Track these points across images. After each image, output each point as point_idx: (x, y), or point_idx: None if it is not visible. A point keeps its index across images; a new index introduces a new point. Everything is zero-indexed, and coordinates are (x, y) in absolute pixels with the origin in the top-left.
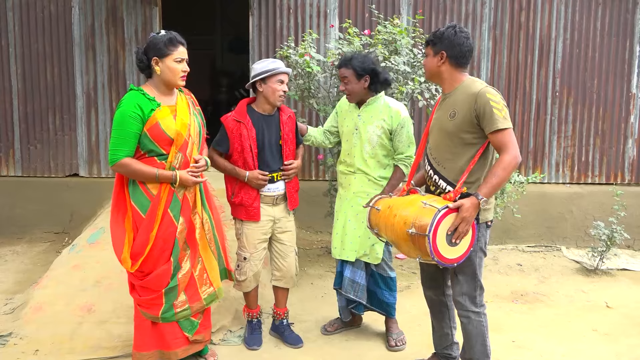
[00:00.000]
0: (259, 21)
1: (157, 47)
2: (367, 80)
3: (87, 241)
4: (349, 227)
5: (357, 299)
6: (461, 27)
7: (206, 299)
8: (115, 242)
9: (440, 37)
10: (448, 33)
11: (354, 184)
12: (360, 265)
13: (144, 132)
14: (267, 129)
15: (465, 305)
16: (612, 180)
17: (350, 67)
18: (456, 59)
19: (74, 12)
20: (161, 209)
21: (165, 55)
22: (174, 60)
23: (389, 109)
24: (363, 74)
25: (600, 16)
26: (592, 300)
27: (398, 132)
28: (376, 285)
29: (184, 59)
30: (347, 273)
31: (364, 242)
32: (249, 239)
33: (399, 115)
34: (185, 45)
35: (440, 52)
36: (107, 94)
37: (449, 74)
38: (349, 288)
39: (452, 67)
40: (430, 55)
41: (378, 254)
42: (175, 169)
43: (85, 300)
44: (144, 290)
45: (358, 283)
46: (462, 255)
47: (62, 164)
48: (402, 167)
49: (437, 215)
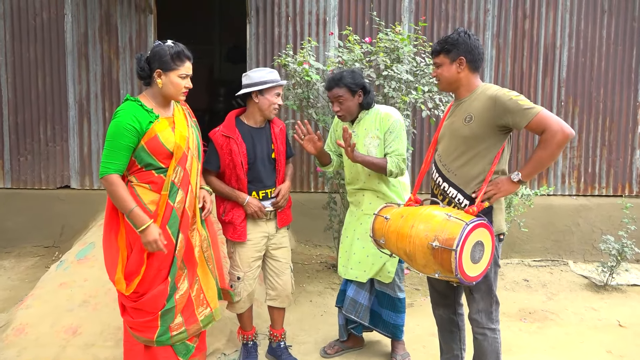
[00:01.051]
0: (256, 29)
1: (163, 60)
2: (361, 95)
3: (76, 257)
4: (356, 246)
5: (358, 320)
6: (468, 30)
7: (203, 320)
8: (108, 262)
9: (455, 43)
10: (463, 38)
11: (363, 202)
12: (365, 286)
13: (142, 146)
14: (257, 143)
15: (482, 323)
16: (620, 192)
17: (343, 85)
18: (474, 63)
19: (66, 20)
20: (158, 225)
21: (170, 70)
22: (178, 76)
23: (379, 115)
24: (356, 89)
25: (606, 24)
26: (604, 319)
27: (387, 134)
28: (381, 306)
29: (188, 75)
30: (350, 292)
31: (375, 261)
32: (242, 257)
33: (388, 118)
34: (191, 60)
35: (458, 58)
36: (100, 103)
37: (467, 80)
38: (350, 308)
39: (470, 72)
40: (446, 63)
41: (390, 272)
42: (175, 184)
43: (71, 321)
44: (138, 313)
45: (360, 304)
46: (481, 273)
47: (54, 176)
48: (389, 159)
49: (465, 229)
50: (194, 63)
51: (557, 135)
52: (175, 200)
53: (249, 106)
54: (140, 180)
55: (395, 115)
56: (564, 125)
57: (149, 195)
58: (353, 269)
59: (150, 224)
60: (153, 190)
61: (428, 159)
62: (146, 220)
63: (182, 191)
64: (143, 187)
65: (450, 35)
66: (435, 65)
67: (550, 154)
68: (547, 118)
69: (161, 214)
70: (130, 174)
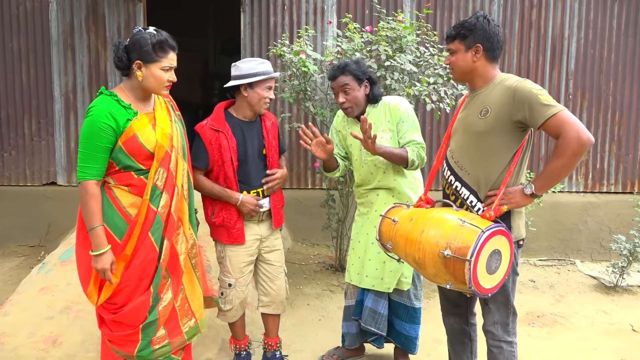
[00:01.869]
0: (251, 19)
1: (144, 50)
2: (367, 86)
3: (59, 259)
4: (372, 251)
5: (378, 332)
6: (488, 15)
7: (187, 332)
8: (81, 271)
9: (472, 29)
10: (481, 23)
11: (377, 202)
12: (384, 294)
13: (119, 146)
14: (248, 138)
15: (498, 335)
16: (629, 189)
17: (349, 72)
18: (492, 52)
19: (51, 9)
20: (138, 232)
21: (151, 62)
22: (161, 69)
23: (388, 107)
24: (363, 77)
25: (616, 14)
26: (616, 323)
27: (400, 125)
28: (395, 315)
29: (172, 67)
30: (369, 303)
31: (394, 268)
32: (233, 262)
33: (398, 108)
34: (176, 50)
35: (475, 46)
36: (87, 96)
37: (483, 70)
38: (369, 319)
39: (487, 61)
40: (460, 50)
41: (407, 278)
42: (158, 187)
43: (51, 329)
44: (117, 325)
45: (380, 314)
46: (498, 284)
47: (39, 172)
48: (408, 149)
49: (480, 237)
50: (187, 56)
51: (571, 143)
52: (159, 205)
53: (238, 99)
54: (118, 182)
55: (404, 103)
56: (582, 132)
57: (128, 198)
58: (369, 276)
59: (107, 251)
60: (132, 192)
61: (440, 155)
62: (104, 245)
63: (167, 194)
64: (121, 190)
65: (468, 20)
66: (449, 52)
67: (565, 165)
68: (566, 121)
69: (141, 221)
70: (107, 175)
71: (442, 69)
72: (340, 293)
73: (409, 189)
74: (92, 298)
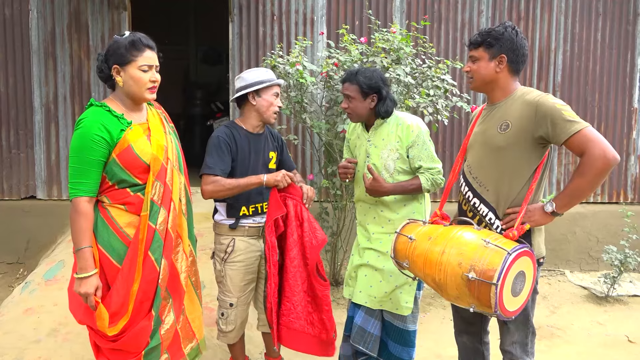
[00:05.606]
0: (239, 29)
1: (118, 53)
2: (374, 101)
3: (43, 277)
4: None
5: (366, 352)
6: (516, 26)
7: (190, 354)
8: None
9: (500, 38)
10: (509, 33)
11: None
12: (375, 313)
13: (113, 159)
14: (253, 150)
15: (516, 355)
16: (615, 199)
17: (355, 82)
18: (516, 65)
19: (31, 16)
20: (142, 254)
21: (127, 63)
22: (138, 68)
23: (402, 126)
24: (369, 92)
25: (600, 27)
26: (612, 334)
27: (411, 150)
28: (387, 337)
29: (152, 66)
30: (359, 320)
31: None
32: (234, 281)
33: (411, 130)
34: (154, 48)
35: (499, 56)
36: (69, 107)
37: (505, 82)
38: (357, 337)
39: (509, 73)
40: (484, 59)
41: (407, 303)
42: (155, 203)
43: (38, 354)
44: (117, 354)
45: (370, 333)
46: (521, 306)
47: (18, 186)
48: (422, 178)
49: (507, 260)
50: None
51: (597, 162)
52: (157, 222)
53: (245, 110)
54: (113, 201)
55: (417, 127)
56: (608, 150)
57: (125, 217)
58: (362, 292)
59: (93, 275)
60: (130, 211)
61: (456, 170)
62: (91, 268)
63: (164, 209)
64: (118, 209)
65: (496, 28)
66: (470, 59)
67: (589, 183)
68: (591, 138)
69: (144, 239)
70: (101, 194)
71: (439, 81)
72: (336, 308)
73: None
74: (102, 322)
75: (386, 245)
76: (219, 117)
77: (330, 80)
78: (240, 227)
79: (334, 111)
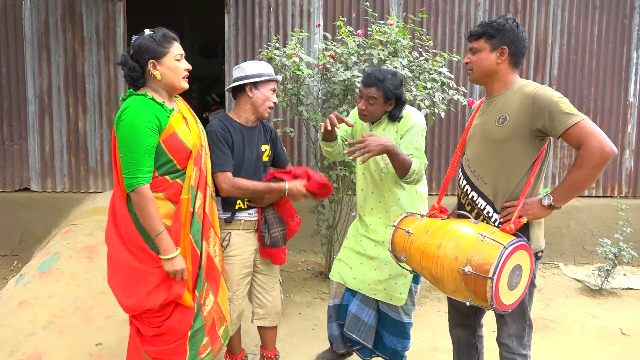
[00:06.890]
0: (235, 20)
1: (151, 48)
2: (392, 105)
3: (38, 270)
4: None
5: (360, 341)
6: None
7: (223, 336)
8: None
9: (501, 30)
10: (510, 25)
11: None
12: (370, 301)
13: (160, 145)
14: (247, 143)
15: (512, 348)
16: (609, 193)
17: (382, 88)
18: (516, 57)
19: (25, 7)
20: (186, 237)
21: (163, 55)
22: (174, 59)
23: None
24: (392, 98)
25: (597, 21)
26: (605, 326)
27: (404, 138)
28: (383, 328)
29: (183, 55)
30: (353, 308)
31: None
32: (230, 275)
33: (409, 119)
34: (178, 40)
35: (501, 47)
36: (63, 98)
37: (505, 74)
38: (351, 326)
39: (509, 66)
40: (485, 50)
41: (402, 294)
42: (193, 188)
43: (34, 347)
44: (162, 340)
45: (364, 322)
46: (518, 300)
47: (11, 177)
48: (414, 159)
49: (503, 253)
50: None
51: (594, 155)
52: (196, 205)
53: (240, 102)
54: (153, 189)
55: (414, 117)
56: (605, 142)
57: (164, 207)
58: (356, 278)
59: (179, 253)
60: (169, 198)
61: (455, 162)
62: (174, 247)
63: (201, 193)
64: (157, 198)
65: (497, 20)
66: (470, 51)
67: (587, 176)
68: (588, 131)
69: (187, 222)
70: None
71: (436, 73)
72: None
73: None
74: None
75: (383, 236)
76: (214, 109)
77: (327, 73)
78: (236, 220)
79: (330, 104)
